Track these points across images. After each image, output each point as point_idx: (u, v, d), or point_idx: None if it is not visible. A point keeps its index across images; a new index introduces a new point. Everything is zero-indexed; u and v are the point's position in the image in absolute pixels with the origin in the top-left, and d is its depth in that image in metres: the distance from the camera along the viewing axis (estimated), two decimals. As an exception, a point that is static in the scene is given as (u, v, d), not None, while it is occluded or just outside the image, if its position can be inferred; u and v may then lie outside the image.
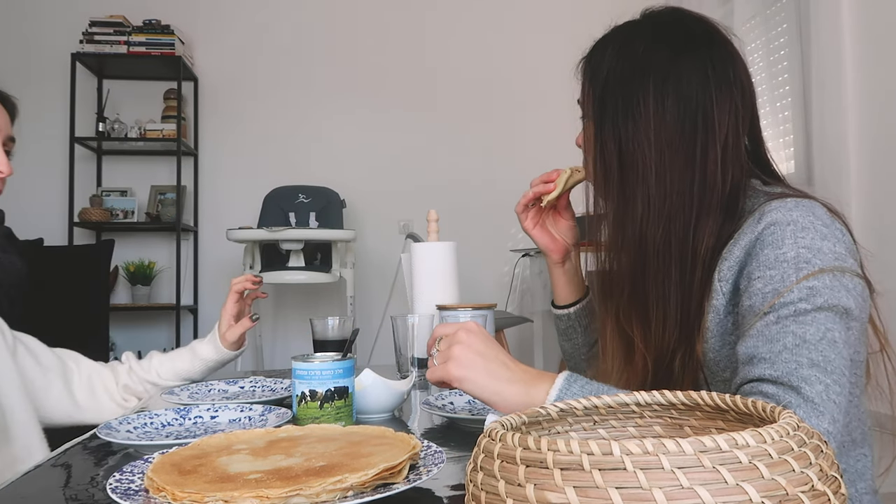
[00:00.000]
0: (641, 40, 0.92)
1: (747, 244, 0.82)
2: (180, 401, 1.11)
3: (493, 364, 0.80)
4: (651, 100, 0.88)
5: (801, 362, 0.73)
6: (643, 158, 0.88)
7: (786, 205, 0.81)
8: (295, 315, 3.89)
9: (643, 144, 0.88)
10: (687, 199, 0.88)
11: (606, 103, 0.91)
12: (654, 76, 0.88)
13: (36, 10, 3.80)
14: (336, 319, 1.30)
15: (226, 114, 3.90)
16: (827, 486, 0.38)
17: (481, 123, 3.99)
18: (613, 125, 0.90)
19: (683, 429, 0.55)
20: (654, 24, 0.94)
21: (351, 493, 0.59)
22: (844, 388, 0.73)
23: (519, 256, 3.74)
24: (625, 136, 0.89)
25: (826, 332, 0.74)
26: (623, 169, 0.90)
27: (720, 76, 0.89)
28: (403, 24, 4.02)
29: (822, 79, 2.36)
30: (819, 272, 0.76)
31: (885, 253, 2.01)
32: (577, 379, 0.79)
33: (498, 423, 0.47)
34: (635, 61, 0.90)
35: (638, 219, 0.89)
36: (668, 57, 0.89)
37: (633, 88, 0.89)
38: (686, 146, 0.88)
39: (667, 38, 0.91)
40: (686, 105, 0.88)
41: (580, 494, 0.36)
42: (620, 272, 0.93)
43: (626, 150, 0.89)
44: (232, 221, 3.50)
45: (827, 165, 2.34)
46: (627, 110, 0.89)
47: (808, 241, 0.78)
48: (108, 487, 0.62)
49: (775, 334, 0.75)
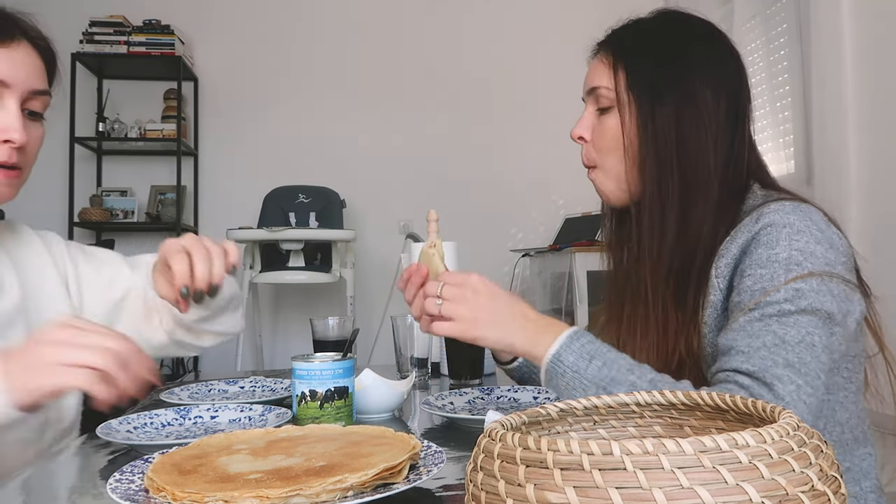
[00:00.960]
0: (678, 33, 0.94)
1: (744, 243, 0.84)
2: (180, 401, 1.11)
3: (504, 318, 0.83)
4: (709, 92, 0.89)
5: (776, 361, 0.74)
6: (702, 146, 0.88)
7: (784, 207, 0.82)
8: (295, 315, 3.89)
9: (701, 134, 0.88)
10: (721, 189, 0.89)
11: (663, 92, 0.89)
12: (705, 69, 0.90)
13: (36, 10, 3.79)
14: (336, 319, 1.30)
15: (226, 114, 3.90)
16: (827, 486, 0.38)
17: (481, 123, 3.99)
18: (674, 112, 0.88)
19: (683, 429, 0.55)
20: (677, 20, 0.96)
21: (351, 493, 0.59)
22: (818, 391, 0.75)
23: (519, 256, 3.74)
24: (685, 126, 0.88)
25: (806, 335, 0.76)
26: (682, 158, 0.88)
27: (742, 71, 0.93)
28: (403, 24, 4.02)
29: (822, 79, 2.36)
30: (808, 275, 0.78)
31: (885, 253, 2.01)
32: (581, 336, 0.81)
33: (498, 423, 0.47)
34: (682, 52, 0.91)
35: (701, 210, 0.88)
36: (707, 48, 0.92)
37: (690, 78, 0.89)
38: (730, 135, 0.90)
39: (698, 34, 0.94)
40: (729, 96, 0.90)
41: (580, 494, 0.36)
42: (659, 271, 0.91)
43: (683, 139, 0.88)
44: (232, 221, 3.50)
45: (827, 165, 2.34)
46: (689, 100, 0.88)
47: (801, 244, 0.80)
48: (108, 487, 0.62)
49: (757, 331, 0.77)
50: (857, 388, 0.88)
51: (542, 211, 3.99)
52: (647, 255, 0.91)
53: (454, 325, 0.83)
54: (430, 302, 0.84)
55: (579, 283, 2.91)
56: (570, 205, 3.81)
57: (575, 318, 2.92)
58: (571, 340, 0.80)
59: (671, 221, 0.89)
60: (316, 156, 3.91)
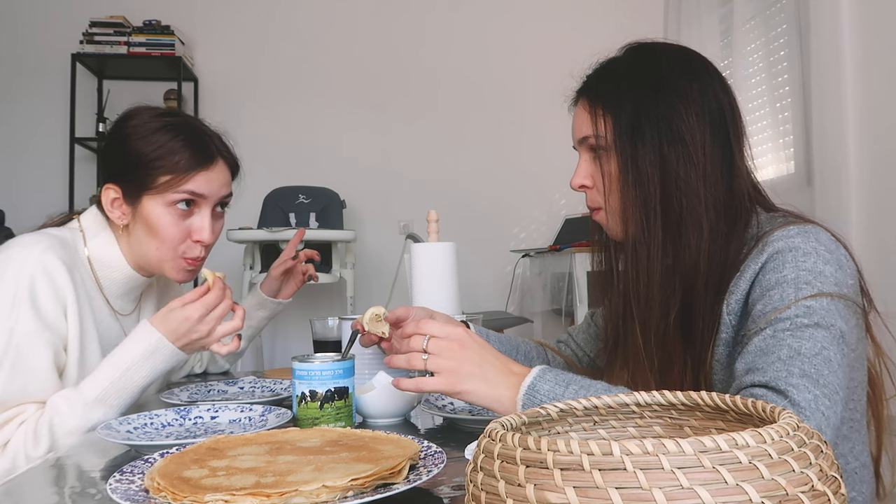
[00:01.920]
0: (652, 67, 0.91)
1: (752, 275, 0.83)
2: (180, 401, 1.11)
3: (491, 372, 0.80)
4: (694, 122, 0.87)
5: (792, 371, 0.72)
6: (690, 183, 0.86)
7: (788, 232, 0.81)
8: (295, 315, 3.88)
9: (689, 169, 0.86)
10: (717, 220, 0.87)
11: (644, 132, 0.87)
12: (685, 99, 0.87)
13: (36, 10, 3.80)
14: (336, 320, 1.30)
15: (226, 114, 3.88)
16: (827, 487, 0.38)
17: (481, 124, 3.99)
18: (656, 153, 0.87)
19: (683, 429, 0.55)
20: (648, 53, 0.94)
21: (351, 493, 0.59)
22: (837, 406, 0.72)
23: (519, 257, 3.74)
24: (670, 163, 0.87)
25: (822, 349, 0.74)
26: (667, 199, 0.87)
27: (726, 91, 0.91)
28: (403, 24, 4.02)
29: (822, 79, 2.36)
30: (818, 294, 0.77)
31: (885, 253, 2.01)
32: (553, 369, 0.80)
33: (498, 423, 0.47)
34: (659, 86, 0.88)
35: (694, 247, 0.86)
36: (684, 77, 0.89)
37: (671, 113, 0.87)
38: (721, 165, 0.88)
39: (673, 63, 0.91)
40: (715, 123, 0.88)
41: (580, 495, 0.36)
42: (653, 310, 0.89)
43: (669, 177, 0.87)
44: (232, 222, 3.50)
45: (827, 165, 2.34)
46: (672, 136, 0.87)
47: (809, 264, 0.78)
48: (108, 487, 0.62)
49: (771, 346, 0.76)
50: (861, 416, 0.86)
51: (543, 211, 3.99)
52: (633, 298, 0.90)
53: (440, 380, 0.81)
54: (415, 357, 0.82)
55: (579, 284, 2.91)
56: (571, 205, 3.81)
57: (575, 319, 2.92)
58: (544, 372, 0.79)
59: (657, 264, 0.87)
60: (316, 156, 3.91)
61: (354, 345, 0.99)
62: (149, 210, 1.13)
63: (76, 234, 1.17)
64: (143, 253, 1.16)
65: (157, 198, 1.13)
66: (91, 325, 1.12)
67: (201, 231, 1.17)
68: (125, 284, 1.20)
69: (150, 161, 1.12)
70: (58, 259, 1.06)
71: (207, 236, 1.19)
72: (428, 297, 1.35)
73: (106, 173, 1.18)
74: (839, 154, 2.29)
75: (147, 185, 1.12)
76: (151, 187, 1.12)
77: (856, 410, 0.85)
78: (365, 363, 1.04)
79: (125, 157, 1.14)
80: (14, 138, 3.65)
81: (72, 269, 1.08)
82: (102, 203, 1.17)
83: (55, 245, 1.08)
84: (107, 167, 1.19)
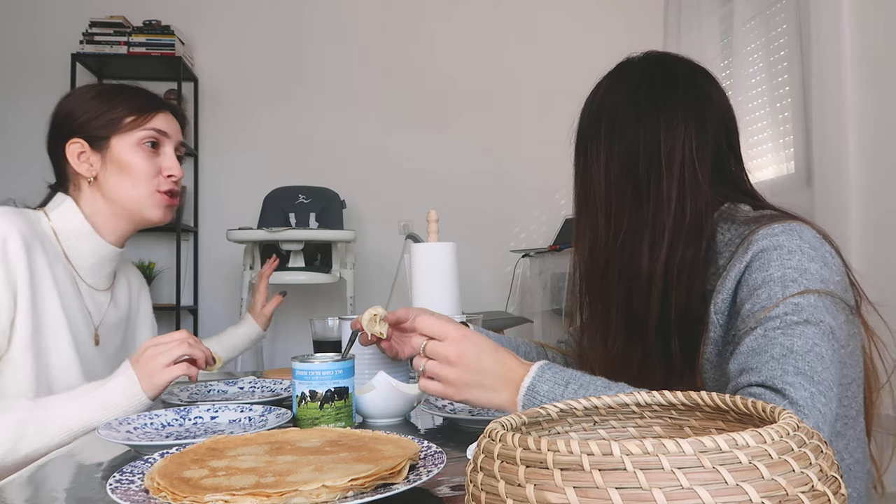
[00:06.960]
0: (604, 85, 0.99)
1: (737, 274, 0.83)
2: (180, 401, 1.11)
3: (489, 379, 0.81)
4: (603, 141, 0.95)
5: (786, 370, 0.73)
6: (596, 193, 0.96)
7: (772, 230, 0.82)
8: (295, 315, 3.88)
9: (595, 181, 0.96)
10: (639, 231, 0.91)
11: (577, 144, 1.00)
12: (605, 120, 0.96)
13: (36, 10, 3.80)
14: (336, 320, 1.30)
15: (226, 114, 3.90)
16: (827, 487, 0.38)
17: (481, 124, 3.99)
18: (579, 162, 1.00)
19: (683, 429, 0.55)
20: (623, 69, 1.00)
21: (351, 493, 0.59)
22: (832, 403, 0.72)
23: (519, 257, 3.74)
24: (584, 173, 0.98)
25: (814, 346, 0.74)
26: (580, 203, 1.00)
27: (672, 115, 0.92)
28: (403, 24, 4.02)
29: (822, 79, 2.36)
30: (805, 292, 0.77)
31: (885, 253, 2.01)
32: (551, 366, 0.80)
33: (498, 423, 0.47)
34: (596, 105, 0.98)
35: (588, 247, 0.98)
36: (624, 100, 0.95)
37: (591, 132, 0.98)
38: (634, 182, 0.93)
39: (626, 82, 0.97)
40: (631, 145, 0.93)
41: (580, 495, 0.36)
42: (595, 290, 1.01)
43: (584, 185, 0.99)
44: (232, 222, 3.50)
45: (827, 165, 2.34)
46: (588, 151, 0.98)
47: (794, 262, 0.79)
48: (108, 487, 0.62)
49: (763, 346, 0.76)
50: (857, 413, 0.86)
51: (543, 211, 3.99)
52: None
53: (441, 388, 0.83)
54: (416, 360, 0.85)
55: (579, 284, 2.90)
56: (571, 205, 3.81)
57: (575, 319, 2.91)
58: (543, 371, 0.79)
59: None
60: (316, 156, 3.91)
61: (354, 345, 0.99)
62: (119, 150, 1.21)
63: (38, 213, 1.21)
64: (119, 198, 1.21)
65: (125, 136, 1.21)
66: (53, 294, 1.13)
67: (171, 168, 1.25)
68: (93, 255, 1.23)
69: (111, 108, 1.21)
70: (10, 224, 1.08)
71: (178, 171, 1.26)
72: (428, 298, 1.35)
73: (62, 135, 1.22)
74: (839, 154, 2.29)
75: (114, 127, 1.21)
76: (118, 128, 1.21)
77: (850, 407, 0.85)
78: (365, 363, 1.04)
79: (84, 112, 1.21)
80: (14, 138, 3.66)
81: (30, 239, 1.10)
82: (69, 159, 1.21)
83: (11, 215, 1.10)
84: (62, 129, 1.23)
